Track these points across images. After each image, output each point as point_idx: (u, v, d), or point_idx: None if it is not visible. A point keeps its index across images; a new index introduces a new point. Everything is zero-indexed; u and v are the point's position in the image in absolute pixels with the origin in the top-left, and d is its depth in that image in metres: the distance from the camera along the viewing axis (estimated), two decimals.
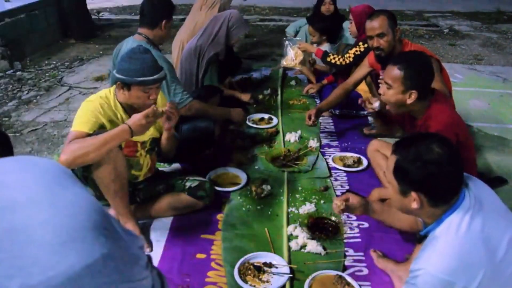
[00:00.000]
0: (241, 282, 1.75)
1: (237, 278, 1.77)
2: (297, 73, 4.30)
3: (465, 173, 1.36)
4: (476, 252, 1.20)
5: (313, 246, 1.97)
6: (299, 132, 3.12)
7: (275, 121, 3.34)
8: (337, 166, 2.71)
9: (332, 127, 3.37)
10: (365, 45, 3.09)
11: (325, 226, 2.14)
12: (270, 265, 1.84)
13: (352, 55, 3.23)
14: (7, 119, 3.58)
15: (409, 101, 1.98)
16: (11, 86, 4.33)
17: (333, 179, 2.61)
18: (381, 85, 2.11)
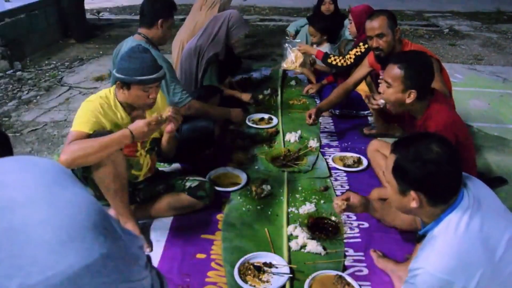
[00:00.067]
0: (241, 282, 1.75)
1: (237, 278, 1.77)
2: (297, 73, 4.30)
3: (464, 173, 1.37)
4: (474, 252, 1.21)
5: (313, 246, 1.96)
6: (299, 132, 3.12)
7: (275, 121, 3.34)
8: (337, 166, 2.71)
9: (332, 127, 3.37)
10: (366, 46, 3.08)
11: (325, 226, 2.14)
12: (270, 265, 1.84)
13: (353, 56, 3.23)
14: (7, 119, 3.58)
15: (408, 101, 1.98)
16: (11, 86, 4.33)
17: (333, 179, 2.61)
18: (381, 84, 2.11)
